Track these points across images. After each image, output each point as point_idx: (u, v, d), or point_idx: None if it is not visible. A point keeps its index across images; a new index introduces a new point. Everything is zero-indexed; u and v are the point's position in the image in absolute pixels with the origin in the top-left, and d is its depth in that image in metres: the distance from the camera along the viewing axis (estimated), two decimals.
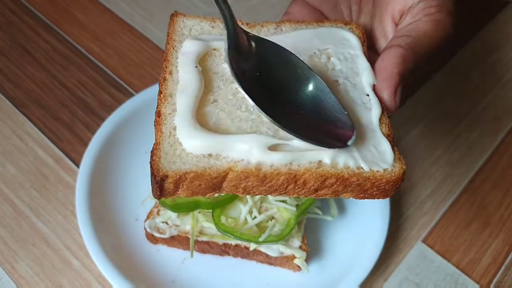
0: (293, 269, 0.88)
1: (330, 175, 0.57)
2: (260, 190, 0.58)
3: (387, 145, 0.60)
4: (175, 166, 0.55)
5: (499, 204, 1.02)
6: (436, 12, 0.66)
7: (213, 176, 0.55)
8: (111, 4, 1.27)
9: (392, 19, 0.69)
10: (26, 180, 0.96)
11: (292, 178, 0.57)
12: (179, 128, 0.57)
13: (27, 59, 1.14)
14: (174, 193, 0.57)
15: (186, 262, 0.88)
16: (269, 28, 0.70)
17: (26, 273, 0.86)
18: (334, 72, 0.66)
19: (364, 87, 0.64)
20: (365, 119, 0.61)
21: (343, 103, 0.60)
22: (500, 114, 1.16)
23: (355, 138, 0.57)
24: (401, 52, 0.62)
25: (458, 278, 0.92)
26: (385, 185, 0.58)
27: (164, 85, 0.62)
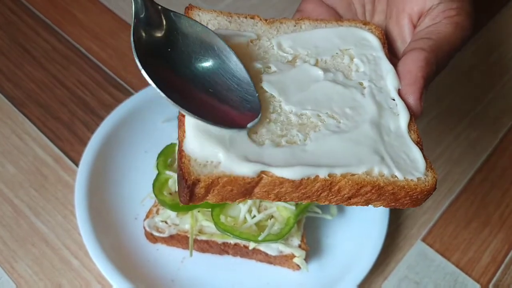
0: (293, 268, 0.88)
1: (366, 183, 0.55)
2: (292, 197, 0.56)
3: (418, 153, 0.58)
4: (206, 169, 0.52)
5: (499, 203, 1.02)
6: (456, 15, 0.65)
7: (247, 181, 0.53)
8: (111, 4, 1.27)
9: (410, 20, 0.68)
10: (26, 180, 0.96)
11: (328, 186, 0.55)
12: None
13: (26, 59, 1.14)
14: (204, 199, 0.54)
15: (185, 261, 0.88)
16: (288, 25, 0.68)
17: (26, 272, 0.86)
18: (358, 74, 0.64)
19: (390, 91, 0.62)
20: (394, 125, 0.60)
21: (370, 105, 0.60)
22: (500, 113, 1.16)
23: (257, 120, 0.55)
24: (425, 55, 0.61)
25: (458, 277, 0.92)
26: (418, 195, 0.57)
27: None
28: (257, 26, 0.67)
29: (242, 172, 0.52)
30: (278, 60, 0.64)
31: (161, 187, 0.86)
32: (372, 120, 0.59)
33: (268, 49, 0.65)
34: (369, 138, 0.58)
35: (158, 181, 0.86)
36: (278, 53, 0.65)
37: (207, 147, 0.53)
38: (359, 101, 0.61)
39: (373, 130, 0.58)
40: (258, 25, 0.67)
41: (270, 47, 0.65)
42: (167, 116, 1.01)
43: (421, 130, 1.08)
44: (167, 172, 0.87)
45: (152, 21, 0.58)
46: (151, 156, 0.93)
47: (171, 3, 1.25)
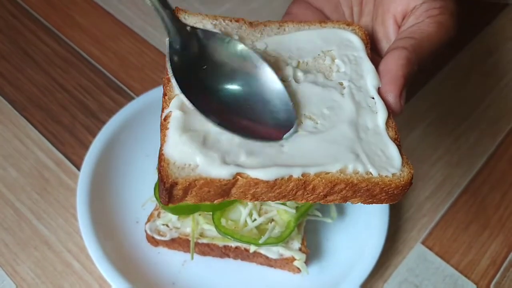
0: (293, 271, 0.89)
1: (339, 181, 0.56)
2: (268, 197, 0.58)
3: (395, 149, 0.59)
4: (184, 172, 0.54)
5: (498, 206, 1.02)
6: (439, 14, 0.65)
7: (223, 183, 0.54)
8: (111, 8, 1.27)
9: (395, 20, 0.69)
10: (27, 183, 0.96)
11: (302, 185, 0.56)
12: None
13: (27, 62, 1.14)
14: (182, 200, 0.56)
15: (186, 265, 0.89)
16: (272, 27, 0.69)
17: (28, 275, 0.86)
18: (339, 74, 0.65)
19: (369, 90, 0.63)
20: (372, 123, 0.61)
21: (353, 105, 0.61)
22: (499, 116, 1.17)
23: (293, 131, 0.58)
24: (406, 54, 0.61)
25: (457, 279, 0.92)
26: (394, 190, 0.58)
27: (169, 87, 0.61)
28: (241, 29, 0.68)
29: (218, 175, 0.54)
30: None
31: None
32: (349, 119, 0.60)
33: None
34: (345, 137, 0.59)
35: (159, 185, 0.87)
36: (264, 54, 0.65)
37: (186, 151, 0.55)
38: (338, 101, 0.62)
39: (350, 129, 0.60)
40: (242, 28, 0.68)
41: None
42: None
43: (420, 133, 1.10)
44: None
45: (184, 45, 0.61)
46: (152, 159, 0.93)
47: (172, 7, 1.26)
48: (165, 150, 0.55)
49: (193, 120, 0.57)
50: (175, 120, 0.57)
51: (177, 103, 0.58)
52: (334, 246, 0.92)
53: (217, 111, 0.58)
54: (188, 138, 0.55)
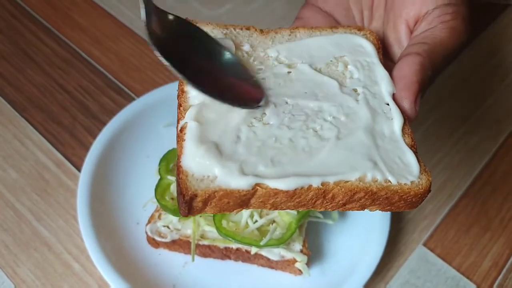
0: (294, 273, 0.88)
1: (359, 190, 0.56)
2: (288, 206, 0.57)
3: (412, 157, 0.59)
4: (203, 184, 0.54)
5: (500, 208, 1.02)
6: (451, 20, 0.65)
7: (242, 193, 0.54)
8: (111, 8, 1.27)
9: (407, 25, 0.69)
10: (27, 184, 0.96)
11: (321, 194, 0.56)
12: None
13: (27, 63, 1.14)
14: (202, 211, 0.56)
15: (187, 266, 0.88)
16: (283, 34, 0.69)
17: (28, 277, 0.86)
18: (352, 81, 0.65)
19: (384, 96, 0.63)
20: (388, 130, 0.61)
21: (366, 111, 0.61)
22: (500, 118, 1.17)
23: (265, 99, 0.60)
24: (420, 60, 0.61)
25: (459, 281, 0.92)
26: (413, 198, 0.58)
27: (183, 97, 0.60)
28: (252, 37, 0.68)
29: (238, 186, 0.54)
30: (273, 71, 0.65)
31: (163, 192, 0.86)
32: (366, 126, 0.60)
33: (264, 60, 0.66)
34: (362, 145, 0.59)
35: (160, 186, 0.87)
36: (273, 63, 0.66)
37: (204, 163, 0.55)
38: (353, 108, 0.62)
39: (367, 136, 0.59)
40: (253, 36, 0.69)
41: (266, 58, 0.66)
42: (169, 121, 1.01)
43: (421, 135, 1.10)
44: (169, 177, 0.87)
45: (159, 21, 0.61)
46: (153, 161, 0.93)
47: (172, 7, 1.26)
48: (183, 162, 0.55)
49: (209, 131, 0.57)
50: (191, 131, 0.57)
51: (192, 113, 0.58)
52: (335, 248, 0.92)
53: (191, 75, 0.58)
54: (206, 149, 0.55)
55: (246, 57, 0.66)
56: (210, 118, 0.58)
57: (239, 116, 0.59)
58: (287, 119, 0.60)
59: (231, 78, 0.62)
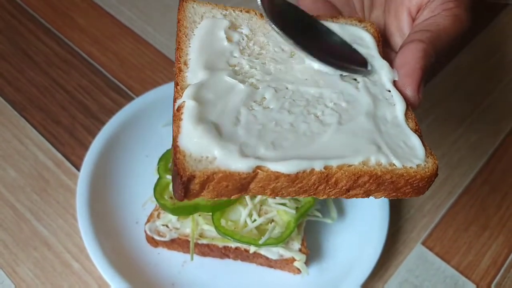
0: (293, 271, 0.88)
1: (363, 173, 0.54)
2: (289, 192, 0.56)
3: (417, 140, 0.58)
4: (201, 165, 0.51)
5: (498, 207, 1.02)
6: (454, 7, 0.65)
7: (242, 176, 0.52)
8: (111, 8, 1.27)
9: (409, 13, 0.68)
10: (27, 184, 0.96)
11: (324, 178, 0.54)
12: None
13: (27, 63, 1.14)
14: (199, 195, 0.53)
15: (186, 265, 0.88)
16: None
17: (27, 276, 0.86)
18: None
19: (385, 84, 0.63)
20: (390, 115, 0.60)
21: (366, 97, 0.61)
22: (500, 116, 1.17)
23: (370, 65, 0.63)
24: (423, 46, 0.61)
25: (458, 280, 0.92)
26: (419, 182, 0.56)
27: (180, 76, 0.59)
28: (252, 20, 0.68)
29: (238, 168, 0.52)
30: (273, 56, 0.64)
31: (162, 191, 0.86)
32: (367, 111, 0.59)
33: (264, 45, 0.65)
34: (365, 129, 0.58)
35: (159, 185, 0.87)
36: (274, 49, 0.65)
37: (202, 143, 0.52)
38: (354, 95, 0.61)
39: (369, 121, 0.58)
40: (253, 20, 0.68)
41: (266, 43, 0.65)
42: (168, 120, 1.01)
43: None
44: (168, 176, 0.87)
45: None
46: (152, 160, 0.93)
47: (171, 7, 1.26)
48: (180, 142, 0.52)
49: (208, 111, 0.55)
50: (189, 110, 0.54)
51: (190, 92, 0.56)
52: (334, 247, 0.92)
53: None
54: (204, 129, 0.53)
55: (246, 40, 0.65)
56: (208, 98, 0.56)
57: (238, 98, 0.57)
58: (287, 103, 0.59)
59: (335, 46, 0.65)
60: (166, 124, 1.02)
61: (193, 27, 0.64)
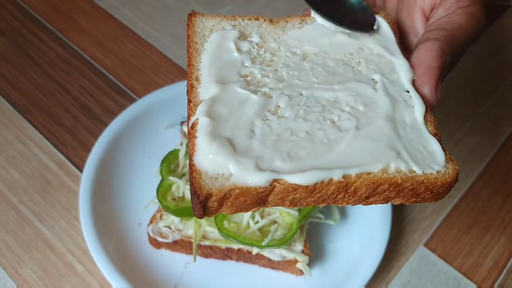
0: (296, 273, 0.88)
1: (382, 181, 0.53)
2: (308, 202, 0.55)
3: (437, 145, 0.56)
4: (218, 182, 0.51)
5: (500, 208, 1.02)
6: (469, 5, 0.64)
7: (259, 190, 0.51)
8: (113, 10, 1.27)
9: (422, 12, 0.67)
10: (30, 185, 0.96)
11: (343, 187, 0.53)
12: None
13: (30, 65, 1.15)
14: (218, 211, 0.53)
15: (189, 267, 0.89)
16: (293, 23, 0.68)
17: (30, 277, 0.86)
18: (369, 69, 0.63)
19: (403, 84, 0.61)
20: (409, 118, 0.58)
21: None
22: (500, 119, 1.17)
23: (377, 23, 0.66)
24: (439, 45, 0.60)
25: (460, 281, 0.92)
26: (439, 188, 0.55)
27: (193, 93, 0.58)
28: (261, 27, 0.67)
29: (254, 182, 0.51)
30: (285, 62, 0.63)
31: (164, 193, 0.86)
32: (386, 115, 0.58)
33: (275, 51, 0.64)
34: (383, 134, 0.56)
35: (161, 187, 0.87)
36: (286, 54, 0.64)
37: (218, 160, 0.52)
38: (371, 97, 0.59)
39: (388, 125, 0.57)
40: (262, 26, 0.67)
41: (277, 49, 0.65)
42: (170, 122, 1.01)
43: None
44: (170, 178, 0.88)
45: None
46: (154, 161, 0.93)
47: (173, 9, 1.26)
48: (196, 161, 0.52)
49: (222, 126, 0.54)
50: (203, 127, 0.54)
51: (203, 109, 0.55)
52: (336, 248, 0.92)
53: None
54: (219, 145, 0.52)
55: (256, 48, 0.64)
56: (222, 112, 0.56)
57: (252, 109, 0.56)
58: (302, 111, 0.57)
59: (348, 7, 0.68)
60: (168, 126, 1.02)
61: (203, 41, 0.64)
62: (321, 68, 0.63)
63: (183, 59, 1.18)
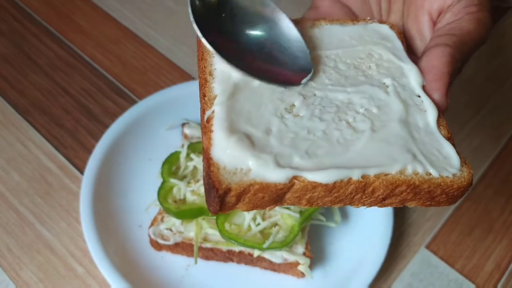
0: (297, 275, 0.88)
1: (400, 183, 0.53)
2: (324, 201, 0.54)
3: (451, 149, 0.57)
4: (236, 177, 0.50)
5: (502, 210, 1.02)
6: (477, 11, 0.64)
7: (279, 187, 0.51)
8: (114, 12, 1.27)
9: (430, 17, 0.67)
10: (30, 187, 0.96)
11: (362, 187, 0.53)
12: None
13: (30, 67, 1.14)
14: (234, 207, 0.52)
15: (190, 269, 0.88)
16: (305, 26, 0.67)
17: (30, 279, 0.86)
18: (380, 73, 0.63)
19: (414, 88, 0.61)
20: (422, 122, 0.58)
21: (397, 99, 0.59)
22: (502, 119, 1.17)
23: (309, 77, 0.59)
24: (450, 51, 0.59)
25: (462, 283, 0.92)
26: (455, 192, 0.55)
27: (207, 87, 0.57)
28: None
29: (274, 179, 0.51)
30: None
31: (166, 195, 0.86)
32: (399, 118, 0.58)
33: None
34: (399, 137, 0.56)
35: (163, 189, 0.87)
36: None
37: (236, 154, 0.51)
38: (384, 100, 0.59)
39: (402, 128, 0.57)
40: None
41: None
42: (171, 124, 1.01)
43: None
44: (171, 180, 0.87)
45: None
46: (155, 163, 0.93)
47: (174, 11, 1.26)
48: (213, 154, 0.51)
49: (239, 121, 0.54)
50: (219, 121, 0.53)
51: (219, 102, 0.55)
52: (338, 251, 0.92)
53: (237, 57, 0.58)
54: (237, 140, 0.52)
55: None
56: (238, 107, 0.55)
57: (268, 106, 0.56)
58: (317, 110, 0.57)
59: (273, 52, 0.61)
60: (169, 128, 1.02)
61: None
62: (332, 70, 0.62)
63: (184, 61, 1.18)
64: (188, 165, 0.90)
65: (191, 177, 0.89)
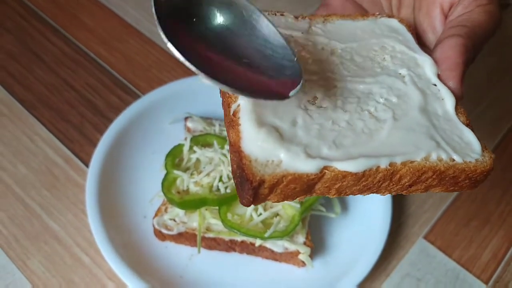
0: (298, 264, 0.90)
1: (426, 169, 0.54)
2: (353, 190, 0.55)
3: (471, 135, 0.58)
4: (269, 169, 0.51)
5: (499, 202, 1.04)
6: (487, 4, 0.65)
7: (310, 177, 0.51)
8: (118, 9, 1.29)
9: (441, 10, 0.68)
10: (37, 180, 0.98)
11: (389, 175, 0.54)
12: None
13: (36, 63, 1.17)
14: (266, 199, 0.53)
15: (193, 258, 0.90)
16: (317, 21, 0.68)
17: (38, 269, 0.88)
18: (395, 64, 0.64)
19: (430, 78, 0.62)
20: (441, 110, 0.59)
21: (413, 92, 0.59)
22: (499, 115, 1.18)
23: (299, 87, 0.51)
24: (463, 41, 0.61)
25: (459, 273, 0.94)
26: (478, 176, 0.56)
27: None
28: (288, 23, 0.67)
29: (305, 169, 0.51)
30: (315, 57, 0.63)
31: (169, 186, 0.88)
32: (419, 106, 0.59)
33: (304, 46, 0.64)
34: (420, 125, 0.57)
35: (166, 180, 0.89)
36: (314, 49, 0.64)
37: (267, 146, 0.52)
38: (402, 90, 0.61)
39: (423, 116, 0.58)
40: (288, 21, 0.67)
41: (305, 44, 0.64)
42: (174, 118, 1.03)
43: None
44: (175, 172, 0.89)
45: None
46: (159, 156, 0.95)
47: None
48: (244, 147, 0.51)
49: (266, 112, 0.54)
50: (247, 114, 0.53)
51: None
52: (337, 241, 0.94)
53: (211, 67, 0.49)
54: (267, 132, 0.52)
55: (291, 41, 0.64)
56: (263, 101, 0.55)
57: (292, 99, 0.54)
58: (340, 102, 0.58)
59: (261, 64, 0.54)
60: (172, 121, 1.03)
61: None
62: (349, 63, 0.63)
63: None
64: (191, 157, 0.92)
65: (194, 169, 0.91)
